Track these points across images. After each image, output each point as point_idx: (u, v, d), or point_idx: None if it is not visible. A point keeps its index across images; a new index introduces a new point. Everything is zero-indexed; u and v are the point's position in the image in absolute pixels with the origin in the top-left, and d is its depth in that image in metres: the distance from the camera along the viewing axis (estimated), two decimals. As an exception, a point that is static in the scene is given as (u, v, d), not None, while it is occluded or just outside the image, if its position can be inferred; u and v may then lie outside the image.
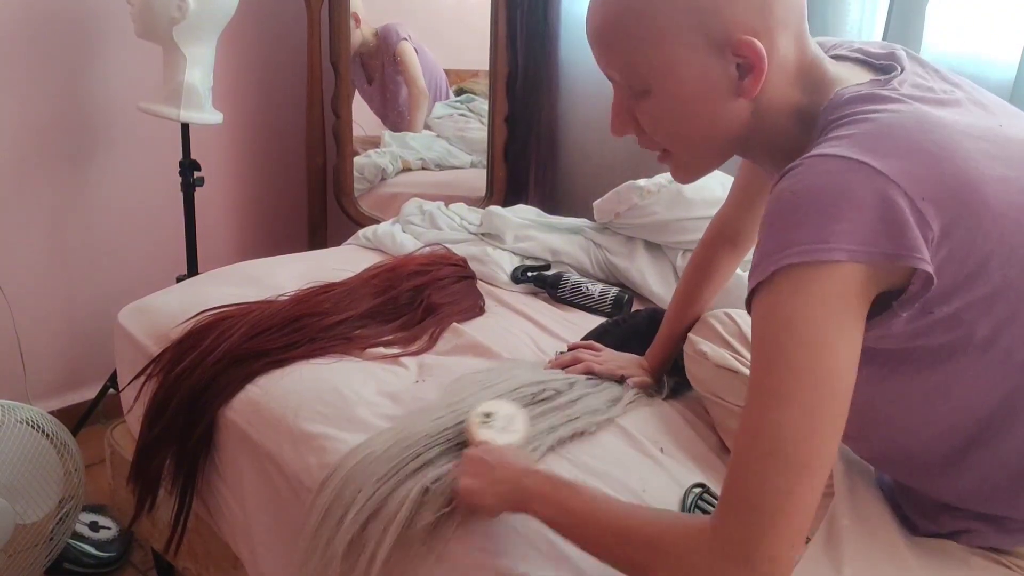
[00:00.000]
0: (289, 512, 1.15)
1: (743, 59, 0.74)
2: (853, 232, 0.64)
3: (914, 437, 0.80)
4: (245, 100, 2.33)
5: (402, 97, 2.53)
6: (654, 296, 1.67)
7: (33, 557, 1.50)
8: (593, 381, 1.27)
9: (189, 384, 1.30)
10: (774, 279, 0.67)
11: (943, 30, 1.55)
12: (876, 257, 0.65)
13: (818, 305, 0.65)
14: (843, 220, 0.65)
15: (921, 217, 0.65)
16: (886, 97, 0.73)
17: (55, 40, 1.93)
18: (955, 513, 0.81)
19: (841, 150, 0.67)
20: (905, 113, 0.71)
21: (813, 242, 0.65)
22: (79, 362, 2.15)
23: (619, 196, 1.74)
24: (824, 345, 0.65)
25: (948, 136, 0.69)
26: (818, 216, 0.66)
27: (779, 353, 0.66)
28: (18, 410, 1.45)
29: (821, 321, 0.65)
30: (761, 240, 0.70)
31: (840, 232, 0.64)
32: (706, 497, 1.03)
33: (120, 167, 2.11)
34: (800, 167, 0.69)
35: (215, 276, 1.70)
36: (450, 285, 1.59)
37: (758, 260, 0.69)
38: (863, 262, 0.65)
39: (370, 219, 2.28)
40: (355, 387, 1.25)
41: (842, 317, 0.66)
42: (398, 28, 2.46)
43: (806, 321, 0.66)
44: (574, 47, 2.25)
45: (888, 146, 0.67)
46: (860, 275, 0.65)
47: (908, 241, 0.65)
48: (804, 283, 0.65)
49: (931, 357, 0.72)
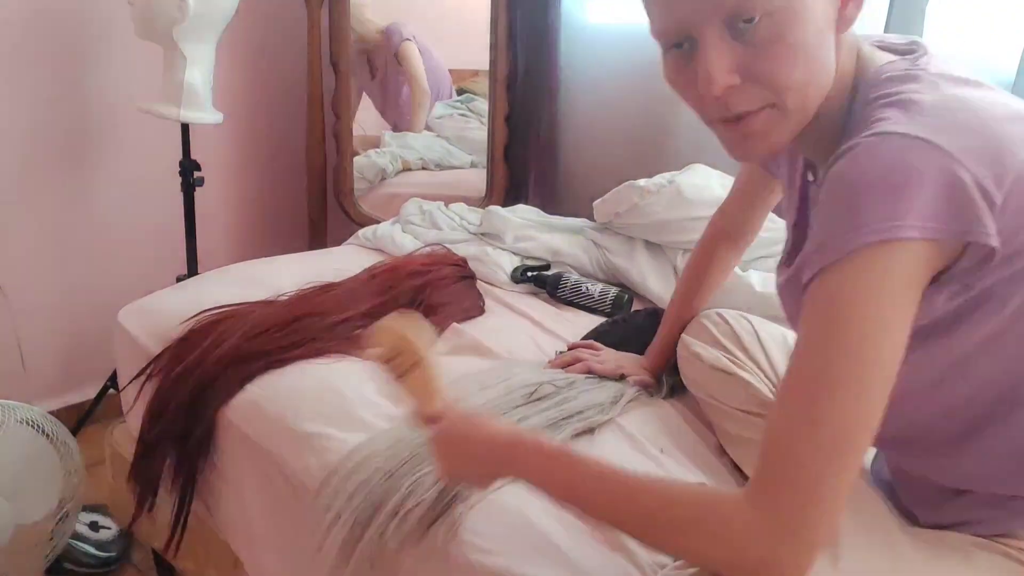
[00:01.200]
0: (289, 512, 1.15)
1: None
2: (923, 209, 0.64)
3: (929, 413, 0.80)
4: (245, 100, 2.33)
5: (403, 96, 2.54)
6: (654, 296, 1.67)
7: (33, 557, 1.50)
8: (592, 379, 1.27)
9: (189, 384, 1.30)
10: (844, 260, 0.66)
11: (943, 30, 1.55)
12: (946, 234, 0.65)
13: (886, 284, 0.65)
14: (913, 198, 0.64)
15: (985, 192, 0.65)
16: (923, 78, 0.73)
17: (55, 40, 1.93)
18: (963, 500, 0.81)
19: (900, 128, 0.67)
20: (948, 94, 0.71)
21: (886, 219, 0.64)
22: (79, 362, 2.15)
23: (619, 196, 1.74)
24: (885, 328, 0.65)
25: (989, 115, 0.69)
26: (888, 194, 0.65)
27: (838, 335, 0.66)
28: (18, 410, 1.45)
29: (887, 301, 0.65)
30: (825, 221, 0.69)
31: (911, 210, 0.64)
32: None
33: (120, 167, 2.11)
34: (859, 147, 0.68)
35: (215, 276, 1.70)
36: (450, 285, 1.59)
37: (823, 241, 0.68)
38: (933, 239, 0.65)
39: (370, 219, 2.28)
40: (355, 387, 1.25)
41: (905, 297, 0.66)
42: (402, 28, 2.46)
43: (870, 302, 0.65)
44: (574, 47, 2.24)
45: (941, 124, 0.67)
46: (928, 253, 0.66)
47: (975, 217, 0.65)
48: (876, 262, 0.65)
49: (958, 332, 0.73)
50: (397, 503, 1.00)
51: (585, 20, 2.21)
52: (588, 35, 2.21)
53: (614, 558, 0.93)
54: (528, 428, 0.94)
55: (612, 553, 0.94)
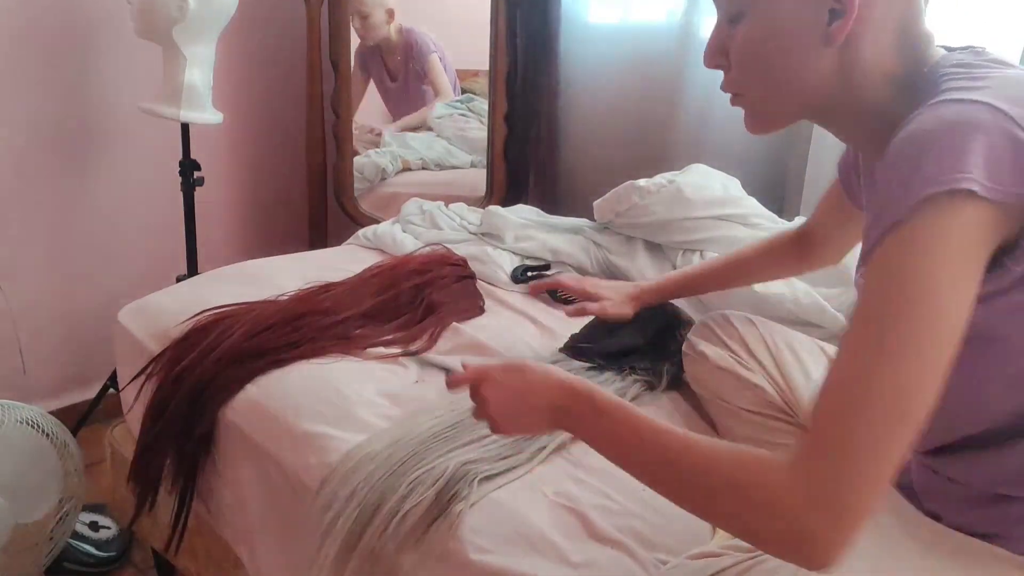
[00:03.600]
0: (289, 512, 1.15)
1: (837, 4, 0.74)
2: (986, 167, 0.63)
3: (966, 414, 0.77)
4: (245, 100, 2.33)
5: (424, 102, 2.56)
6: (654, 296, 1.67)
7: (33, 557, 1.50)
8: (593, 374, 1.27)
9: (189, 384, 1.30)
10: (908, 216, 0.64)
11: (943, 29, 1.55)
12: (1009, 196, 0.63)
13: (953, 238, 0.63)
14: (976, 153, 0.63)
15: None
16: (991, 63, 0.73)
17: (55, 40, 1.93)
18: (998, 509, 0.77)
19: (965, 95, 0.67)
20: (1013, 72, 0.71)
21: (949, 171, 0.63)
22: (79, 362, 2.15)
23: (619, 196, 1.74)
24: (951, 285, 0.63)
25: None
26: (951, 149, 0.64)
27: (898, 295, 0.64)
28: (18, 410, 1.45)
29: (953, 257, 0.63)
30: (885, 186, 0.68)
31: (975, 164, 0.63)
32: None
33: (120, 167, 2.11)
34: (923, 112, 0.68)
35: (215, 276, 1.70)
36: (450, 285, 1.59)
37: (885, 203, 0.66)
38: (996, 200, 0.63)
39: (370, 219, 2.28)
40: (355, 387, 1.25)
41: (973, 253, 0.64)
42: (428, 40, 2.48)
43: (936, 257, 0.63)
44: (574, 47, 2.25)
45: (1011, 95, 0.67)
46: (991, 214, 0.64)
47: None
48: (941, 214, 0.63)
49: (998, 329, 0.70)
50: (397, 502, 1.00)
51: (585, 20, 2.22)
52: (588, 35, 2.21)
53: (614, 556, 0.94)
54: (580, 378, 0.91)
55: (612, 551, 0.94)
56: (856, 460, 0.63)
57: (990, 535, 0.77)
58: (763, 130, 0.84)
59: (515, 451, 1.08)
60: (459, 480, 1.02)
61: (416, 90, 2.53)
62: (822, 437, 0.65)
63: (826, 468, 0.63)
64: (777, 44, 0.77)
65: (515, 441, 1.09)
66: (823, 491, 0.63)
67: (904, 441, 0.63)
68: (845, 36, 0.75)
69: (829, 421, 0.65)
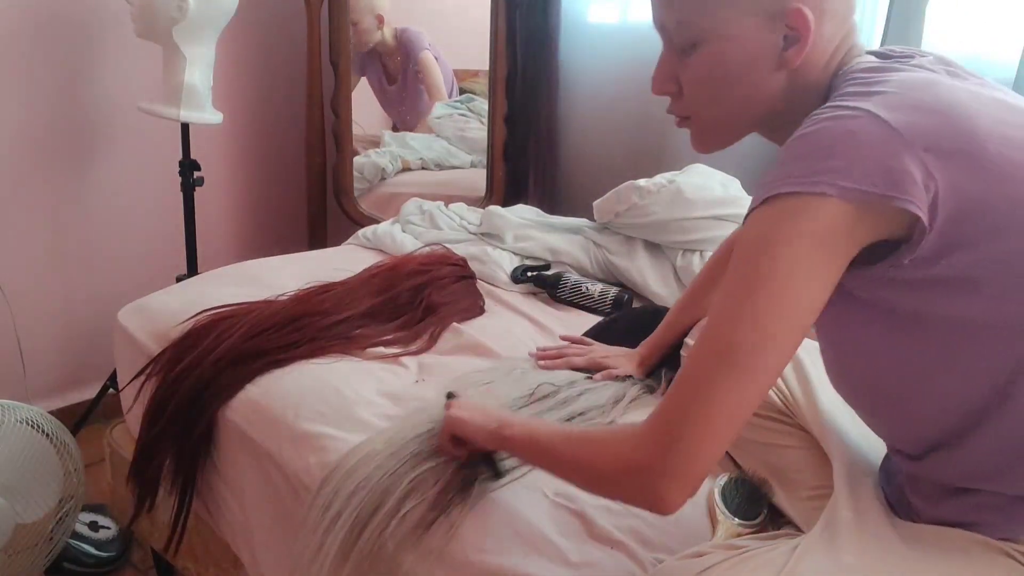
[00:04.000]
0: (289, 512, 1.15)
1: (792, 31, 0.77)
2: (847, 171, 0.67)
3: (922, 409, 0.79)
4: (245, 100, 2.33)
5: (423, 103, 2.55)
6: (654, 296, 1.67)
7: (33, 557, 1.50)
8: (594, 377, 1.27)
9: (189, 384, 1.30)
10: (765, 205, 0.70)
11: (943, 30, 1.55)
12: (866, 196, 0.67)
13: (798, 236, 0.68)
14: (838, 158, 0.68)
15: (923, 167, 0.67)
16: (896, 68, 0.76)
17: (55, 40, 1.93)
18: (967, 499, 0.80)
19: (849, 102, 0.71)
20: (915, 75, 0.74)
21: (805, 175, 0.68)
22: (79, 362, 2.15)
23: (619, 196, 1.74)
24: (794, 276, 0.69)
25: (955, 97, 0.71)
26: (815, 153, 0.69)
27: (753, 275, 0.70)
28: (18, 410, 1.45)
29: (800, 254, 0.68)
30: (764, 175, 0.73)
31: (833, 169, 0.67)
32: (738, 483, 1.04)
33: (120, 167, 2.11)
34: (811, 118, 0.72)
35: (215, 276, 1.70)
36: (450, 285, 1.59)
37: (757, 191, 0.72)
38: (852, 201, 0.67)
39: (370, 219, 2.28)
40: (355, 387, 1.25)
41: (820, 253, 0.69)
42: (421, 37, 2.47)
43: (783, 251, 0.69)
44: (574, 47, 2.25)
45: (894, 101, 0.70)
46: (848, 214, 0.68)
47: (901, 185, 0.67)
48: (790, 213, 0.69)
49: (939, 321, 0.73)
50: (397, 502, 1.00)
51: (585, 20, 2.22)
52: (588, 35, 2.21)
53: (613, 555, 0.94)
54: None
55: (611, 550, 0.94)
56: (693, 405, 0.71)
57: (967, 524, 0.80)
58: (712, 149, 0.88)
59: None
60: (460, 480, 1.02)
61: (414, 91, 2.53)
62: (675, 390, 0.73)
63: (667, 415, 0.73)
64: (733, 72, 0.80)
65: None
66: (662, 435, 0.72)
67: (745, 400, 0.70)
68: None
69: (679, 378, 0.74)
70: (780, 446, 1.06)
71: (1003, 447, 0.76)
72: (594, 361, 1.31)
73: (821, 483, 0.96)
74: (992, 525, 0.79)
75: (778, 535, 0.93)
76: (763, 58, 0.78)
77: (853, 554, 0.78)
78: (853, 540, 0.80)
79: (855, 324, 0.78)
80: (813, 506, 0.95)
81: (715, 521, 0.99)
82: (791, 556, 0.78)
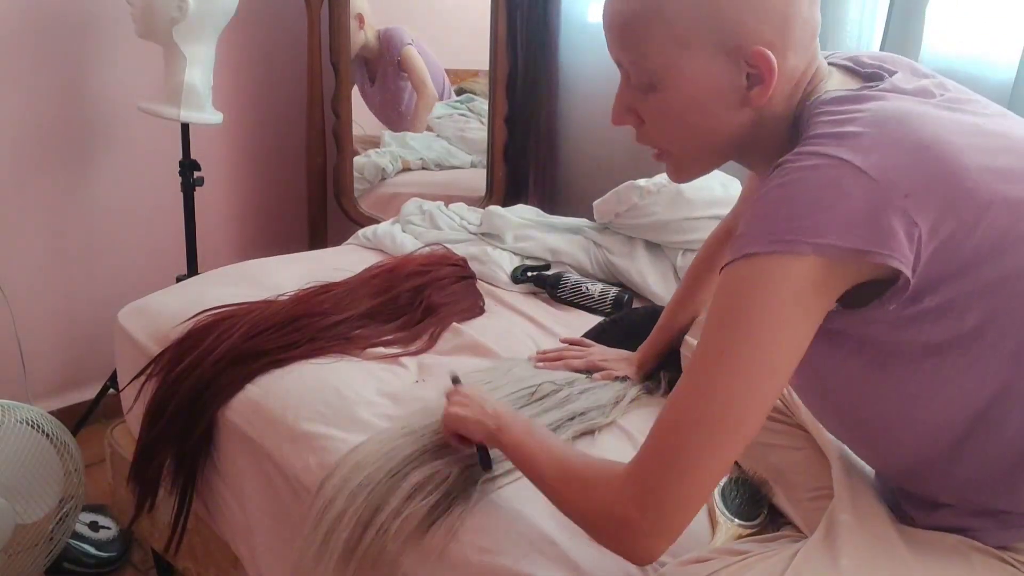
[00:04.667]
0: (289, 512, 1.15)
1: (754, 70, 0.75)
2: (825, 228, 0.66)
3: (907, 437, 0.80)
4: (245, 100, 2.33)
5: (405, 100, 2.53)
6: (654, 296, 1.67)
7: (33, 557, 1.50)
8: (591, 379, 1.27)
9: (189, 384, 1.30)
10: (739, 262, 0.70)
11: (943, 31, 1.55)
12: (846, 254, 0.66)
13: (777, 297, 0.68)
14: (816, 215, 0.67)
15: (904, 213, 0.66)
16: (868, 96, 0.74)
17: (55, 40, 1.93)
18: (954, 510, 0.81)
19: (821, 147, 0.69)
20: (887, 108, 0.72)
21: (783, 233, 0.68)
22: (79, 362, 2.15)
23: (619, 196, 1.74)
24: (773, 333, 0.69)
25: (930, 130, 0.70)
26: (793, 210, 0.68)
27: (730, 337, 0.70)
28: (18, 410, 1.45)
29: (778, 314, 0.68)
30: (744, 221, 0.73)
31: (811, 227, 0.67)
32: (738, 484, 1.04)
33: (120, 167, 2.11)
34: (784, 164, 0.71)
35: (215, 276, 1.70)
36: (450, 285, 1.59)
37: (736, 238, 0.72)
38: (831, 257, 0.67)
39: (370, 219, 2.28)
40: (355, 387, 1.25)
41: (798, 310, 0.69)
42: (402, 32, 2.46)
43: (761, 310, 0.69)
44: (574, 47, 2.25)
45: (868, 142, 0.68)
46: (826, 268, 0.67)
47: (882, 239, 0.66)
48: (768, 273, 0.68)
49: (921, 350, 0.73)
50: (400, 503, 1.00)
51: (585, 20, 2.21)
52: (588, 35, 2.21)
53: (613, 556, 0.93)
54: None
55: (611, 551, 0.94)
56: (678, 468, 0.71)
57: (961, 530, 0.81)
58: (687, 179, 0.88)
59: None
60: (462, 482, 1.02)
61: (396, 89, 2.52)
62: (655, 445, 0.73)
63: (653, 473, 0.72)
64: (694, 110, 0.79)
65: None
66: (642, 488, 0.72)
67: (726, 457, 0.71)
68: None
69: (659, 428, 0.74)
70: (781, 446, 1.06)
71: (986, 471, 0.77)
72: (592, 363, 1.31)
73: (821, 484, 0.96)
74: (979, 530, 0.79)
75: (778, 537, 0.93)
76: (724, 97, 0.77)
77: (852, 558, 0.78)
78: (853, 544, 0.80)
79: (836, 358, 0.77)
80: (814, 507, 0.95)
81: (715, 522, 0.99)
82: (790, 562, 0.78)
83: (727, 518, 0.99)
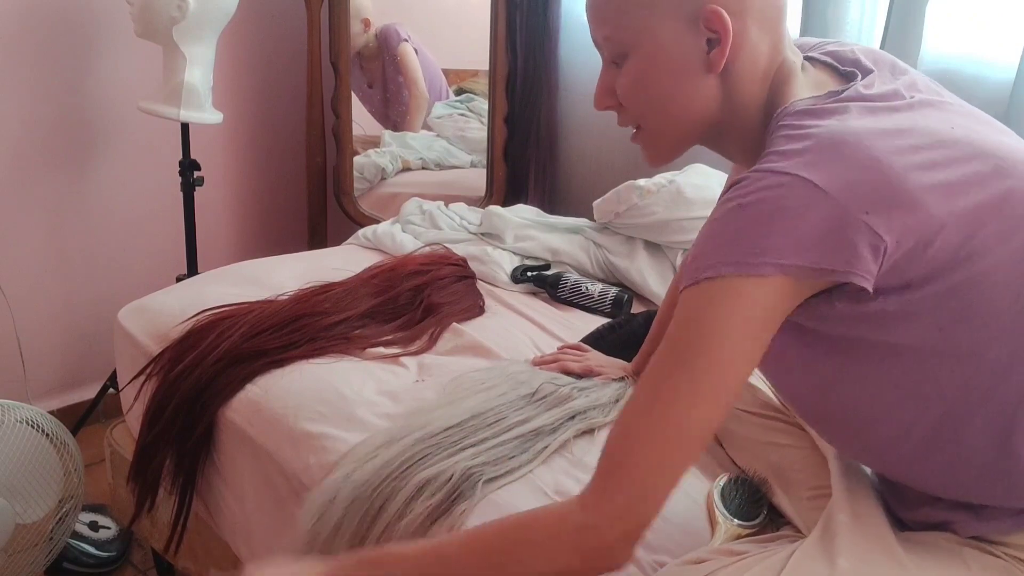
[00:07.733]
0: (289, 512, 1.15)
1: (712, 33, 0.77)
2: (786, 248, 0.67)
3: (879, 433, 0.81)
4: (245, 100, 2.33)
5: (403, 99, 2.53)
6: (654, 296, 1.67)
7: (33, 557, 1.50)
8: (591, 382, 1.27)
9: (189, 384, 1.30)
10: (702, 284, 0.70)
11: (943, 31, 1.55)
12: (807, 272, 0.67)
13: (740, 318, 0.69)
14: (777, 235, 0.67)
15: (868, 229, 0.67)
16: (831, 111, 0.75)
17: (55, 40, 1.93)
18: (936, 504, 0.82)
19: (783, 165, 0.70)
20: (847, 127, 0.72)
21: (744, 255, 0.68)
22: (79, 362, 2.15)
23: (619, 196, 1.74)
24: (733, 352, 0.69)
25: (887, 148, 0.70)
26: (753, 229, 0.69)
27: (689, 348, 0.70)
28: (18, 410, 1.45)
29: (736, 331, 0.69)
30: (700, 240, 0.73)
31: (772, 247, 0.67)
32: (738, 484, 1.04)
33: (120, 167, 2.11)
34: (746, 180, 0.71)
35: (215, 276, 1.70)
36: (450, 285, 1.59)
37: (694, 257, 0.72)
38: (793, 276, 0.67)
39: (370, 219, 2.28)
40: (355, 387, 1.25)
41: (758, 328, 0.70)
42: (398, 29, 2.45)
43: (722, 333, 0.69)
44: (574, 47, 2.24)
45: (828, 161, 0.69)
46: (788, 286, 0.68)
47: (843, 257, 0.67)
48: (729, 294, 0.69)
49: (882, 349, 0.74)
50: (403, 504, 1.00)
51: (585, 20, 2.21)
52: (588, 35, 2.21)
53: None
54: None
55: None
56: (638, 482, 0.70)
57: (939, 524, 0.82)
58: (661, 161, 0.89)
59: (519, 452, 1.08)
60: (464, 482, 1.02)
61: (395, 87, 2.51)
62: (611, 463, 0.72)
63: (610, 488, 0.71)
64: (663, 78, 0.80)
65: (518, 443, 1.10)
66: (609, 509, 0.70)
67: (678, 466, 0.71)
68: (724, 63, 0.78)
69: (616, 445, 0.73)
70: (780, 445, 1.06)
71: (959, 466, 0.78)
72: (589, 368, 1.31)
73: (821, 483, 0.96)
74: (961, 523, 0.81)
75: (777, 537, 0.94)
76: (690, 63, 0.79)
77: (850, 558, 0.78)
78: (850, 544, 0.80)
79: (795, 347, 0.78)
80: (813, 506, 0.95)
81: (714, 523, 0.99)
82: (787, 562, 0.79)
83: (726, 518, 0.99)
